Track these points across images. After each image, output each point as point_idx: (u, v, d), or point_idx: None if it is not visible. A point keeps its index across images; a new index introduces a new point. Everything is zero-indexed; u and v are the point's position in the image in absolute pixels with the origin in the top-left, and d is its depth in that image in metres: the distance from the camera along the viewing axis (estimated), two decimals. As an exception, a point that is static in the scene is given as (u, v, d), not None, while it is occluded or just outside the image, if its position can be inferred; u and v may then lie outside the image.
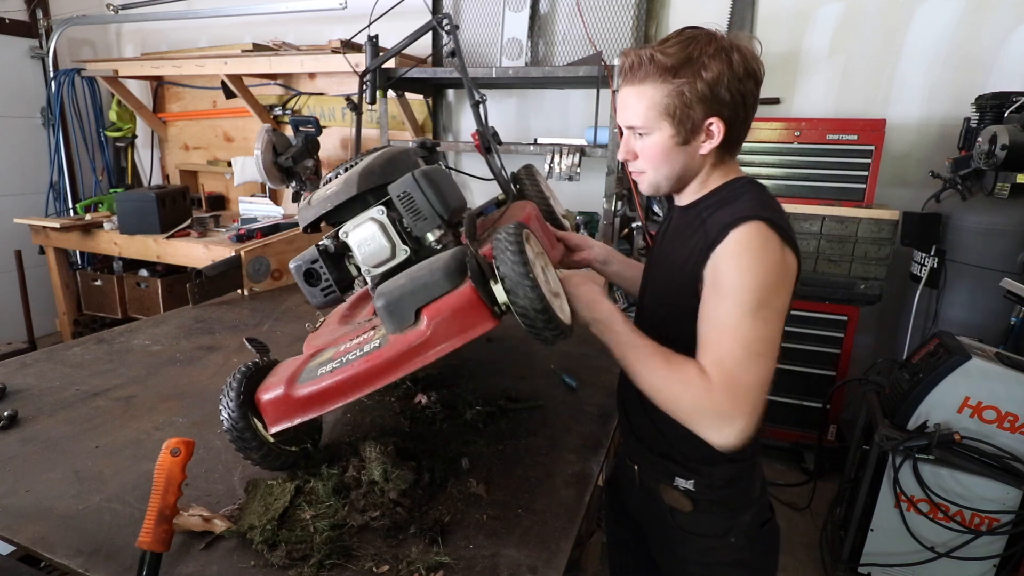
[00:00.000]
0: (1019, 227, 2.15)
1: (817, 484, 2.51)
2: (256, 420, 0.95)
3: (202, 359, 1.54)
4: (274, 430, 0.94)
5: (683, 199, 1.03)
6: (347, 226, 0.99)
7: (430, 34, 3.36)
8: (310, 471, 1.00)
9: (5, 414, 1.16)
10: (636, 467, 1.13)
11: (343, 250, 1.01)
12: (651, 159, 0.96)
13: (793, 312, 2.97)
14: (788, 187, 2.64)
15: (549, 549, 0.88)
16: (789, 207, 2.58)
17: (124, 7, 4.19)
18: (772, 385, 0.85)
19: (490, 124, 1.40)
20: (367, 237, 0.97)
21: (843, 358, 2.67)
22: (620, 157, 1.00)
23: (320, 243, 1.00)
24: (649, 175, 0.98)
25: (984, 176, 2.26)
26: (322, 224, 1.06)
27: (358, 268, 1.01)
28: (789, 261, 0.88)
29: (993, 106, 2.32)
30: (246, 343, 1.11)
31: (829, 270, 2.61)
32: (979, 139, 2.19)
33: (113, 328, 1.74)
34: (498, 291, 0.83)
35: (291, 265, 1.01)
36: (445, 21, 1.51)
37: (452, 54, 1.63)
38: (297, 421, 0.92)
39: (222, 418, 0.94)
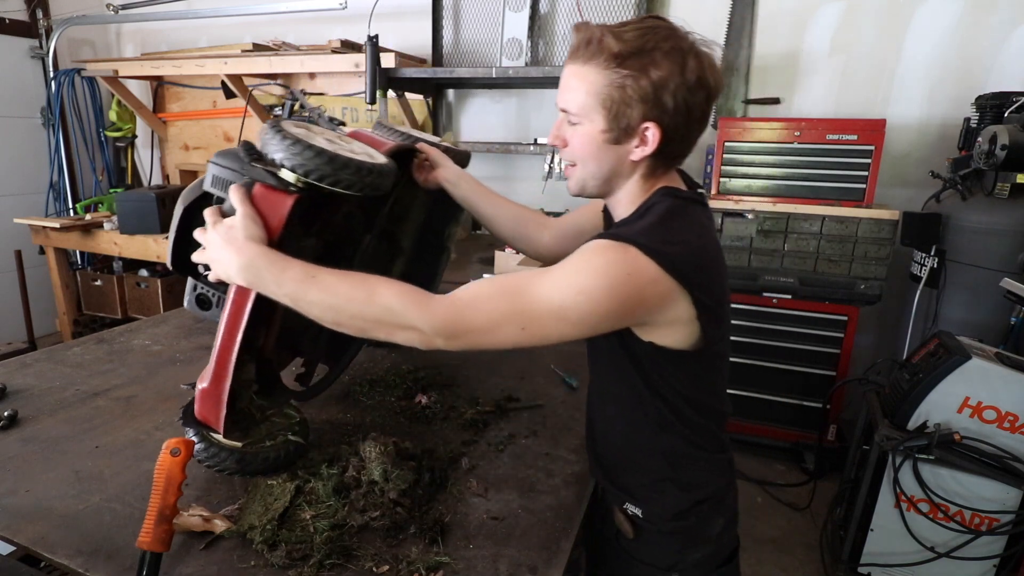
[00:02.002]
0: (1019, 227, 2.15)
1: (817, 484, 2.51)
2: (213, 434, 1.01)
3: (202, 359, 1.53)
4: (222, 426, 0.99)
5: (618, 213, 0.95)
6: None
7: (430, 35, 3.38)
8: (310, 471, 1.00)
9: (5, 414, 1.16)
10: (600, 486, 1.08)
11: None
12: (579, 150, 0.88)
13: (793, 312, 2.94)
14: (788, 187, 2.64)
15: (549, 549, 0.88)
16: (789, 207, 2.59)
17: (124, 7, 4.19)
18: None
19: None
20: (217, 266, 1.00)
21: (843, 358, 2.67)
22: (550, 141, 0.92)
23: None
24: (578, 171, 0.90)
25: (984, 176, 2.26)
26: None
27: None
28: (655, 288, 0.78)
29: (993, 106, 2.32)
30: (183, 387, 1.22)
31: (829, 270, 2.61)
32: (979, 139, 2.19)
33: (113, 328, 1.73)
34: (284, 173, 0.89)
35: (185, 307, 1.06)
36: (298, 100, 1.84)
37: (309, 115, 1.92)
38: (225, 401, 0.97)
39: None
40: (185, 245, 1.03)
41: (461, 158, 1.31)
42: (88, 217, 3.46)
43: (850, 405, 2.88)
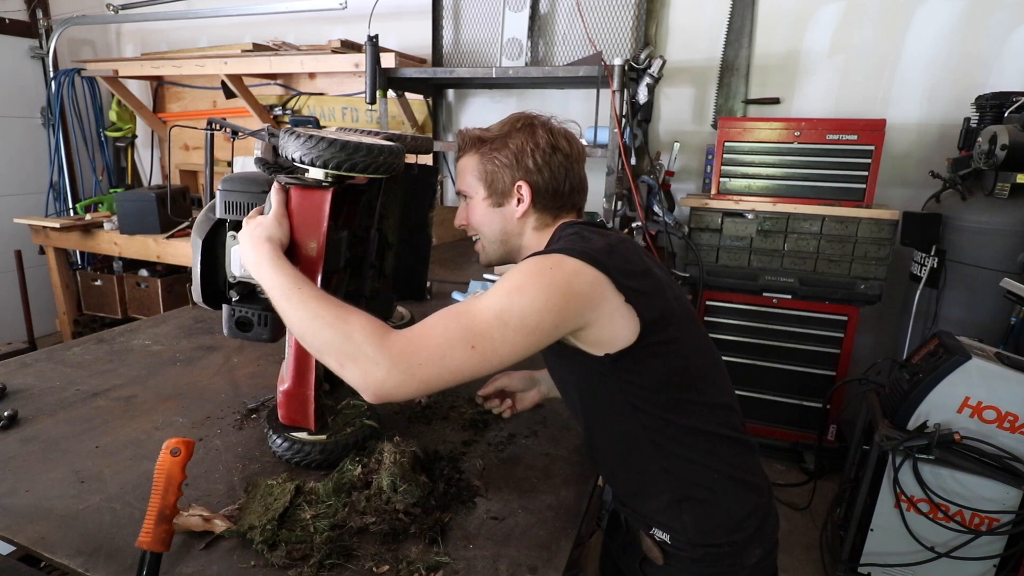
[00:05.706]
0: (1019, 227, 2.15)
1: (817, 484, 2.51)
2: (297, 433, 1.05)
3: (202, 359, 1.54)
4: (313, 422, 1.02)
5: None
6: (226, 270, 1.04)
7: (430, 35, 3.38)
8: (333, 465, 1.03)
9: (5, 414, 1.16)
10: (622, 514, 1.07)
11: (245, 288, 1.06)
12: (474, 220, 1.06)
13: (793, 312, 2.93)
14: (788, 187, 2.64)
15: (549, 549, 0.88)
16: (789, 207, 2.59)
17: (124, 7, 4.19)
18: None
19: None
20: (240, 260, 1.01)
21: (843, 358, 2.67)
22: (457, 223, 1.10)
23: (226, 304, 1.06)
24: (481, 242, 1.07)
25: (984, 176, 2.26)
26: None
27: None
28: (580, 278, 0.84)
29: (993, 106, 2.32)
30: (248, 404, 1.25)
31: (829, 270, 2.61)
32: (979, 139, 2.19)
33: (113, 328, 1.73)
34: (313, 172, 0.93)
35: (225, 334, 1.06)
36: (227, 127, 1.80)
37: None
38: (312, 397, 1.00)
39: (279, 455, 1.05)
40: (212, 276, 1.05)
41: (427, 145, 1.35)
42: (88, 217, 3.46)
43: (850, 405, 2.88)
